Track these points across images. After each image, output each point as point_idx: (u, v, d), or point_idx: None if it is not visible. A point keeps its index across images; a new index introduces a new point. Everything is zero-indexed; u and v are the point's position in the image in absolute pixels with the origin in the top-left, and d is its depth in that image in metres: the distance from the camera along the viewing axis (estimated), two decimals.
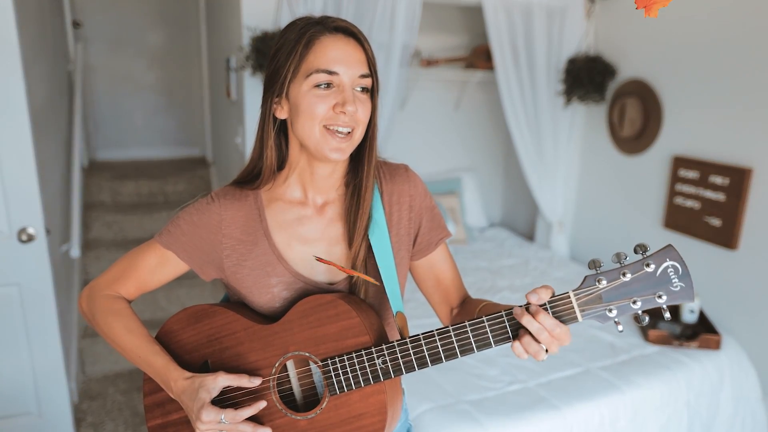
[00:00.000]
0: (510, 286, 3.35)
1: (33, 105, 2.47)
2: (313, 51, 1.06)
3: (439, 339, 1.04)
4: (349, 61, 1.06)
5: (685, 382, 2.46)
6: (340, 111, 1.06)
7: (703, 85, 2.96)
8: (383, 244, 1.18)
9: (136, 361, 1.17)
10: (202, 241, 1.17)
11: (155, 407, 1.22)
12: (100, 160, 5.26)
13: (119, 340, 1.17)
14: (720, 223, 2.88)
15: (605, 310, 0.96)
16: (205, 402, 1.05)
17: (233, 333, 1.15)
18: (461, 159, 4.56)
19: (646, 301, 0.96)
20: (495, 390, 2.31)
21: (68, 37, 4.55)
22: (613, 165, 3.60)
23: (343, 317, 1.08)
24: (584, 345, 2.65)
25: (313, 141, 1.09)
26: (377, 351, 1.06)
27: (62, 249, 3.11)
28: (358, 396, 1.09)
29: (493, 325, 1.01)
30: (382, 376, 1.06)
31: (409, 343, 1.05)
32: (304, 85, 1.07)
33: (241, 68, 3.10)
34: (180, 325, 1.20)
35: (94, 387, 3.38)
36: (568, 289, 0.99)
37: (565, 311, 0.98)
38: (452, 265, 1.30)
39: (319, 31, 1.07)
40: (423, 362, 1.05)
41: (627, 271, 0.95)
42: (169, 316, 3.85)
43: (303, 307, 1.11)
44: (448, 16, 4.15)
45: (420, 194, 1.25)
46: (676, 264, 0.95)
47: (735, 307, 2.86)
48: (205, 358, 1.18)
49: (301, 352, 1.10)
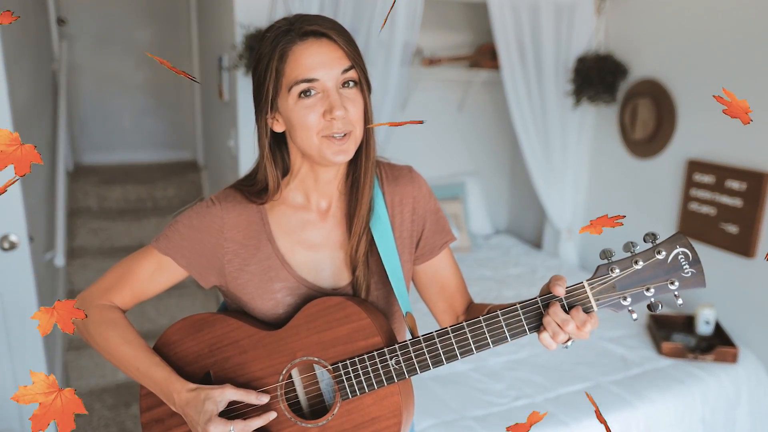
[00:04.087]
0: (516, 296, 3.35)
1: (15, 106, 2.49)
2: (288, 64, 1.08)
3: (453, 335, 1.07)
4: (325, 63, 1.08)
5: (701, 397, 2.47)
6: (330, 118, 1.08)
7: (718, 85, 2.96)
8: (387, 241, 1.20)
9: (134, 373, 1.17)
10: (202, 245, 1.18)
11: (154, 423, 1.22)
12: (85, 163, 5.28)
13: (115, 351, 1.17)
14: (737, 230, 2.89)
15: (620, 298, 1.02)
16: (212, 414, 1.06)
17: (236, 341, 1.16)
18: (465, 163, 4.57)
19: (659, 288, 1.01)
20: (500, 405, 2.31)
21: (52, 35, 4.58)
22: (624, 169, 3.62)
23: (352, 319, 1.10)
24: (595, 358, 2.66)
25: (314, 150, 1.11)
26: (390, 351, 1.08)
27: (46, 257, 3.12)
28: (371, 399, 1.10)
29: (509, 318, 1.05)
30: (396, 377, 1.09)
31: (422, 341, 1.08)
32: (289, 98, 1.09)
33: (234, 67, 3.12)
34: (179, 335, 1.21)
35: None
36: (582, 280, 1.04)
37: (581, 301, 1.03)
38: (457, 270, 1.32)
39: (289, 41, 1.08)
40: (438, 360, 1.08)
41: (639, 259, 1.01)
42: (159, 327, 3.87)
43: (310, 311, 1.12)
44: (452, 12, 4.17)
45: (424, 196, 1.27)
46: (686, 250, 1.01)
47: (753, 318, 2.87)
48: (206, 369, 1.19)
49: (310, 357, 1.12)
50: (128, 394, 3.46)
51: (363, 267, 1.19)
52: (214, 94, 4.19)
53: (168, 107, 5.54)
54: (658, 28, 3.29)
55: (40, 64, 3.71)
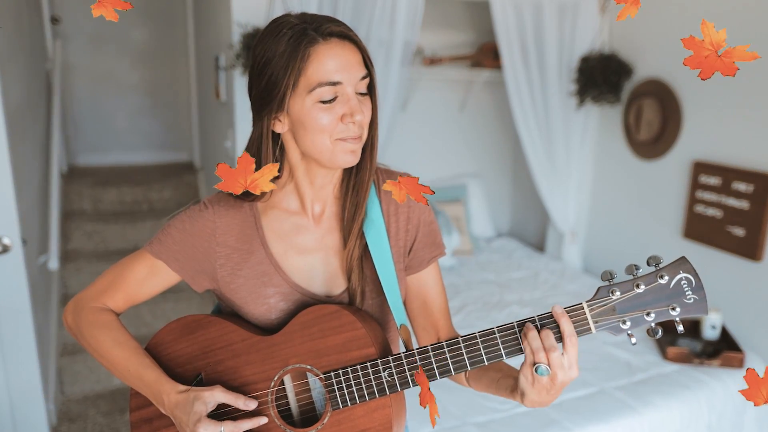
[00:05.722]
0: (519, 300, 3.36)
1: (8, 106, 2.49)
2: (311, 63, 1.06)
3: (448, 350, 1.07)
4: (349, 68, 1.08)
5: (707, 403, 2.48)
6: (349, 121, 1.08)
7: (725, 85, 2.97)
8: (381, 248, 1.20)
9: (125, 375, 1.18)
10: (194, 249, 1.19)
11: (143, 423, 1.23)
12: (80, 165, 5.29)
13: (107, 354, 1.19)
14: (743, 233, 2.90)
15: (619, 321, 1.02)
16: (201, 415, 1.07)
17: (229, 345, 1.17)
18: (467, 164, 4.58)
19: (659, 313, 1.01)
20: (503, 412, 2.32)
21: (46, 34, 4.58)
22: (629, 170, 3.62)
23: (347, 328, 1.10)
24: (598, 363, 2.66)
25: (325, 153, 1.11)
26: (383, 363, 1.09)
27: (40, 261, 3.13)
28: (362, 411, 1.11)
29: (505, 336, 1.05)
30: (388, 390, 1.09)
31: (416, 354, 1.08)
32: (307, 100, 1.08)
33: (231, 67, 3.13)
34: (172, 336, 1.22)
35: (73, 408, 3.39)
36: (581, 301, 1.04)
37: (579, 322, 1.03)
38: (441, 290, 1.31)
39: (312, 40, 1.06)
40: (431, 374, 1.08)
41: (641, 283, 1.01)
42: (154, 331, 3.85)
43: (305, 318, 1.13)
44: (453, 11, 4.18)
45: (419, 205, 1.26)
46: (689, 276, 1.00)
47: (759, 322, 2.87)
48: (198, 371, 1.19)
49: (303, 365, 1.12)
50: (123, 400, 3.47)
51: (357, 272, 1.19)
52: (210, 94, 4.20)
53: (164, 107, 5.55)
54: (663, 27, 3.30)
55: (33, 63, 3.72)
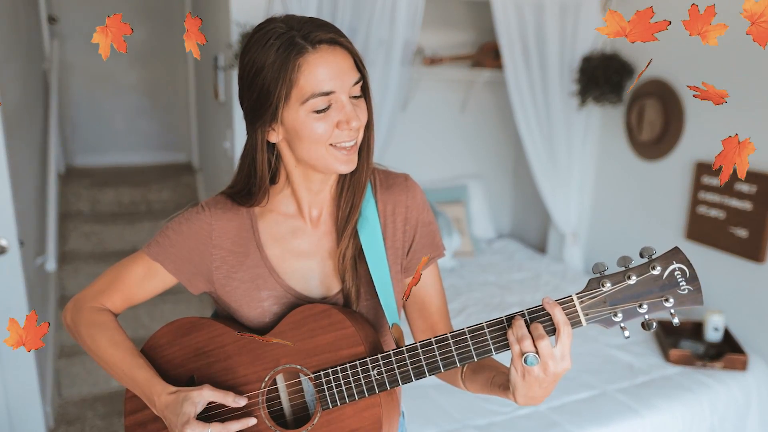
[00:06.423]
0: (520, 302, 3.36)
1: (5, 107, 2.50)
2: (302, 74, 1.05)
3: (437, 347, 1.07)
4: (341, 75, 1.07)
5: (709, 406, 2.48)
6: (345, 128, 1.08)
7: (727, 85, 2.95)
8: (376, 248, 1.20)
9: (120, 376, 1.19)
10: (191, 251, 1.20)
11: (137, 427, 1.24)
12: (77, 166, 5.29)
13: (103, 354, 1.20)
14: (746, 234, 2.90)
15: (610, 314, 1.00)
16: (190, 417, 1.07)
17: (222, 346, 1.18)
18: (467, 165, 4.58)
19: (652, 305, 0.99)
20: (504, 414, 2.32)
21: (43, 34, 4.59)
22: (631, 171, 3.63)
23: (336, 327, 1.11)
24: (600, 365, 2.66)
25: (320, 160, 1.11)
26: (372, 361, 1.09)
27: (37, 262, 3.13)
28: (351, 410, 1.11)
29: (494, 331, 1.05)
30: (377, 388, 1.09)
31: (405, 352, 1.08)
32: (300, 111, 1.07)
33: (230, 67, 3.13)
34: (167, 338, 1.23)
35: (71, 411, 3.39)
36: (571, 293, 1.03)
37: (569, 315, 1.01)
38: (440, 291, 1.30)
39: (302, 50, 1.05)
40: (420, 371, 1.08)
41: (632, 274, 0.99)
42: (152, 333, 3.87)
43: (295, 318, 1.13)
44: (453, 10, 4.18)
45: (417, 206, 1.26)
46: (683, 267, 0.99)
47: (763, 325, 2.88)
48: (191, 373, 1.20)
49: (293, 364, 1.12)
50: (121, 402, 3.47)
51: (351, 272, 1.19)
52: (209, 94, 4.20)
53: (162, 108, 5.55)
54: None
55: (30, 63, 3.72)
